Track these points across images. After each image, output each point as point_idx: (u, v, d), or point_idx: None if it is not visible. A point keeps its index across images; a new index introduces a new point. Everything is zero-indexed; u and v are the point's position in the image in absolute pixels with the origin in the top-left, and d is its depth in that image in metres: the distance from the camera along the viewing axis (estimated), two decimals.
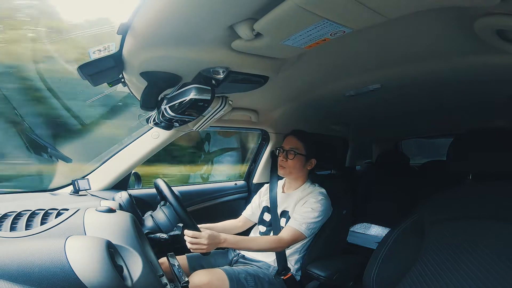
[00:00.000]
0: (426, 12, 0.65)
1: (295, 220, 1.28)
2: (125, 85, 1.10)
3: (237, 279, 1.20)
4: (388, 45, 0.88)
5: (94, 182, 1.38)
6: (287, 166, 1.39)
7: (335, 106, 1.60)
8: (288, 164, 1.39)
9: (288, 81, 1.17)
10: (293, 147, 1.39)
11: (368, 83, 1.19)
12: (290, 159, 1.38)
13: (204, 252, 1.09)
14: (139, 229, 0.98)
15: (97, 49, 0.84)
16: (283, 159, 1.40)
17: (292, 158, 1.38)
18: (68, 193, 1.29)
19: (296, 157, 1.38)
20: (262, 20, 0.64)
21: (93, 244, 0.67)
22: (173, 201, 1.12)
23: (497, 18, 0.63)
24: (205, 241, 1.06)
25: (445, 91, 1.27)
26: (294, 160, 1.38)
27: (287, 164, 1.39)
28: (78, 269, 0.60)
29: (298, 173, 1.42)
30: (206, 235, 1.07)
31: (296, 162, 1.39)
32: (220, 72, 0.93)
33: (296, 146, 1.40)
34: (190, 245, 1.07)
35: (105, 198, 1.27)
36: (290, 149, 1.39)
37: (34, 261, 0.59)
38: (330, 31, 0.68)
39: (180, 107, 0.94)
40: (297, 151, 1.38)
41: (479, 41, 0.75)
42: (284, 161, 1.40)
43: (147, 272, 0.73)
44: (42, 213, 0.84)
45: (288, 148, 1.40)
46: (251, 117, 1.62)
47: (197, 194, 1.81)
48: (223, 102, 1.19)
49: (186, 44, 0.79)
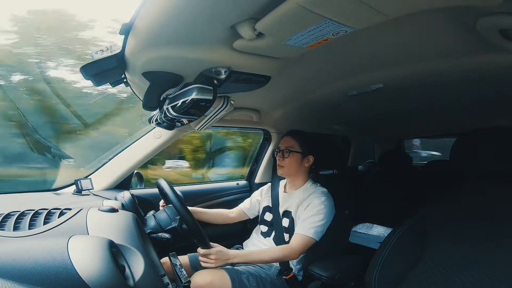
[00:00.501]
0: (428, 11, 0.65)
1: (303, 227, 1.28)
2: (128, 85, 1.10)
3: (239, 279, 1.20)
4: (391, 44, 0.87)
5: (97, 182, 1.38)
6: (284, 165, 1.43)
7: (337, 105, 1.59)
8: (285, 163, 1.42)
9: (290, 81, 1.17)
10: (288, 146, 1.43)
11: (371, 82, 1.18)
12: (286, 158, 1.42)
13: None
14: (141, 229, 0.99)
15: (99, 50, 0.84)
16: (280, 158, 1.44)
17: (288, 156, 1.41)
18: (70, 193, 1.30)
19: (291, 155, 1.41)
20: (264, 20, 0.64)
21: (95, 243, 0.67)
22: (180, 207, 1.10)
23: (500, 17, 0.62)
24: (213, 257, 1.13)
25: (448, 91, 1.27)
26: (290, 158, 1.41)
27: (284, 163, 1.43)
28: (81, 269, 0.60)
29: (297, 171, 1.44)
30: (214, 251, 1.14)
31: (292, 160, 1.41)
32: (222, 72, 0.93)
33: (290, 144, 1.43)
34: (200, 257, 1.15)
35: (108, 197, 1.28)
36: (285, 148, 1.43)
37: (37, 261, 0.59)
38: (332, 31, 0.67)
39: (182, 107, 0.94)
40: (292, 149, 1.42)
41: (482, 41, 0.74)
42: (281, 160, 1.43)
43: (149, 271, 0.73)
44: (45, 213, 0.84)
45: (283, 148, 1.44)
46: (253, 117, 1.62)
47: (199, 194, 1.81)
48: (225, 102, 1.19)
49: (188, 44, 0.79)
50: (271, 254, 1.26)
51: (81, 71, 0.87)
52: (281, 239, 1.39)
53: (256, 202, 1.59)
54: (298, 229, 1.29)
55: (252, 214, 1.60)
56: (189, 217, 1.09)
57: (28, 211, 0.84)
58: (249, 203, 1.62)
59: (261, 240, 1.47)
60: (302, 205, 1.35)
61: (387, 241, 1.05)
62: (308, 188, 1.41)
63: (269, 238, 1.44)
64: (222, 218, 1.58)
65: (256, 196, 1.61)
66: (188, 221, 1.09)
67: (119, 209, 0.99)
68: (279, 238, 1.40)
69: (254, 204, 1.59)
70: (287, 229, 1.39)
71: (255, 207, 1.59)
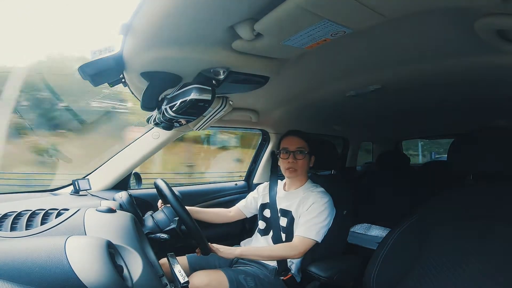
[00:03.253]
0: (426, 12, 0.65)
1: (305, 228, 1.28)
2: (126, 85, 1.10)
3: (237, 280, 1.20)
4: (389, 45, 0.88)
5: (95, 182, 1.38)
6: (298, 167, 1.38)
7: (335, 106, 1.59)
8: (299, 165, 1.37)
9: (289, 81, 1.17)
10: (300, 147, 1.38)
11: (369, 83, 1.19)
12: (299, 159, 1.37)
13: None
14: (140, 229, 0.98)
15: (98, 50, 0.84)
16: (292, 160, 1.37)
17: (302, 158, 1.37)
18: (68, 193, 1.29)
19: (305, 157, 1.38)
20: (262, 20, 0.64)
21: (93, 244, 0.67)
22: (178, 208, 1.10)
23: (498, 18, 0.63)
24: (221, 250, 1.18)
25: (446, 92, 1.27)
26: (304, 160, 1.38)
27: (297, 165, 1.37)
28: (78, 269, 0.60)
29: (304, 171, 1.42)
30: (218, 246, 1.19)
31: (305, 162, 1.39)
32: (221, 72, 0.93)
33: (302, 145, 1.39)
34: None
35: (106, 198, 1.27)
36: (297, 149, 1.38)
37: (34, 261, 0.59)
38: (331, 32, 0.68)
39: (180, 107, 0.94)
40: (304, 150, 1.38)
41: (480, 41, 0.75)
42: (294, 162, 1.37)
43: (147, 272, 0.72)
44: (43, 213, 0.84)
45: (295, 149, 1.38)
46: (251, 117, 1.62)
47: (197, 194, 1.81)
48: (223, 102, 1.19)
49: (187, 44, 0.79)
50: (271, 252, 1.27)
51: (79, 71, 0.87)
52: (279, 239, 1.38)
53: (252, 200, 1.59)
54: (301, 231, 1.28)
55: (249, 213, 1.60)
56: (187, 218, 1.09)
57: (26, 211, 0.84)
58: (244, 202, 1.62)
59: (258, 239, 1.47)
60: (303, 205, 1.34)
61: (385, 242, 1.05)
62: (308, 188, 1.40)
63: (267, 237, 1.44)
64: (220, 217, 1.57)
65: (253, 194, 1.61)
66: (186, 222, 1.09)
67: (117, 209, 0.99)
68: (277, 237, 1.39)
69: (250, 202, 1.59)
70: (285, 229, 1.39)
71: (251, 205, 1.58)
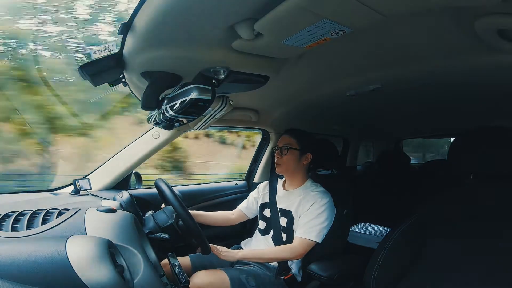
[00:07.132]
0: (426, 11, 0.65)
1: (305, 230, 1.28)
2: (126, 85, 1.10)
3: (239, 279, 1.20)
4: (389, 45, 0.88)
5: (95, 182, 1.38)
6: (282, 163, 1.42)
7: (335, 105, 1.59)
8: (283, 160, 1.42)
9: (289, 80, 1.17)
10: (286, 143, 1.43)
11: (369, 82, 1.19)
12: (284, 155, 1.41)
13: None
14: (140, 229, 0.99)
15: (98, 49, 0.84)
16: (278, 156, 1.43)
17: (286, 154, 1.41)
18: (69, 193, 1.29)
19: (289, 152, 1.41)
20: (262, 20, 0.64)
21: (94, 244, 0.67)
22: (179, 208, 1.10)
23: (498, 17, 0.63)
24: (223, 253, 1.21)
25: (446, 91, 1.27)
26: (288, 155, 1.41)
27: (282, 161, 1.42)
28: (79, 269, 0.60)
29: (295, 168, 1.43)
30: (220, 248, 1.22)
31: (290, 157, 1.41)
32: (221, 72, 0.93)
33: (288, 142, 1.43)
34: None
35: (106, 198, 1.27)
36: (283, 145, 1.43)
37: (35, 261, 0.59)
38: (331, 31, 0.68)
39: (181, 107, 0.94)
40: (290, 146, 1.41)
41: (480, 41, 0.75)
42: (279, 158, 1.43)
43: (147, 272, 0.73)
44: (43, 213, 0.84)
45: (281, 146, 1.43)
46: (251, 116, 1.62)
47: (197, 194, 1.81)
48: (223, 102, 1.19)
49: (187, 44, 0.79)
50: (271, 255, 1.28)
51: (79, 71, 0.87)
52: (279, 239, 1.39)
53: (253, 200, 1.59)
54: (301, 232, 1.28)
55: (251, 214, 1.59)
56: (188, 217, 1.09)
57: (26, 211, 0.84)
58: (245, 203, 1.61)
59: (259, 238, 1.47)
60: (303, 205, 1.34)
61: (386, 241, 1.05)
62: (308, 188, 1.40)
63: (267, 236, 1.44)
64: (223, 221, 1.57)
65: (254, 194, 1.61)
66: (187, 221, 1.09)
67: (117, 209, 0.99)
68: (277, 238, 1.40)
69: (251, 203, 1.59)
70: (285, 229, 1.39)
71: (252, 206, 1.58)
